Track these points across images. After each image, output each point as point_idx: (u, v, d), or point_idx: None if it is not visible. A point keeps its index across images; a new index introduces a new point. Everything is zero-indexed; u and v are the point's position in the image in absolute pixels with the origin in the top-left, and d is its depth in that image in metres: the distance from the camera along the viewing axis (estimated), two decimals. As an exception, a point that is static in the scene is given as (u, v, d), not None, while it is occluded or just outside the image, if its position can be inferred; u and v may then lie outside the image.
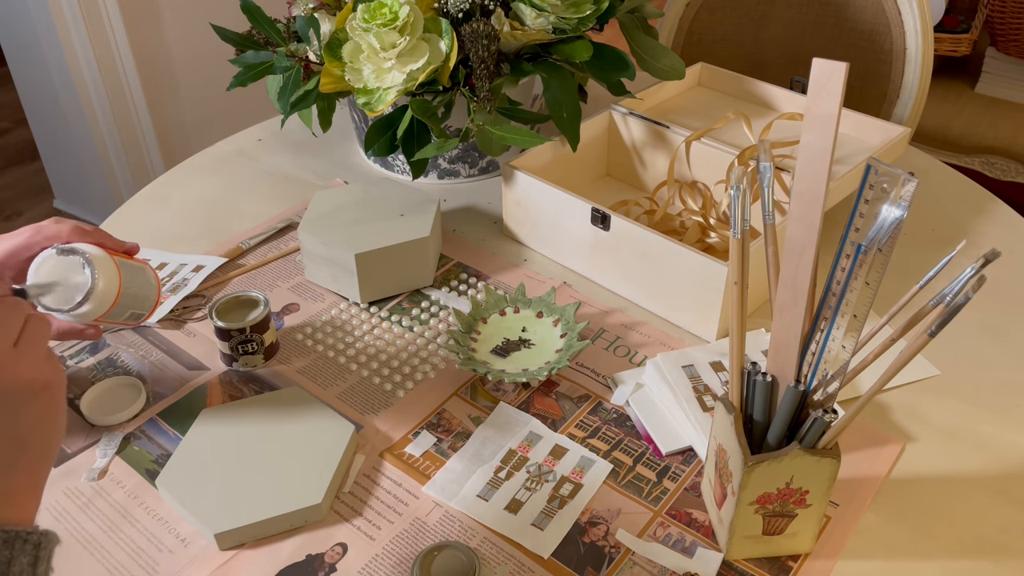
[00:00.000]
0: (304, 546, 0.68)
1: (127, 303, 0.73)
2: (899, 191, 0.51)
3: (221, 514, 0.68)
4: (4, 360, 0.51)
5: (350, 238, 0.91)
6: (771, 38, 1.50)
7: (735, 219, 0.58)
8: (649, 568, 0.66)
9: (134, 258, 0.77)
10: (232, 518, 0.68)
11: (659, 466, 0.75)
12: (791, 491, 0.62)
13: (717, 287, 0.84)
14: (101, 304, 0.70)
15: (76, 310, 0.68)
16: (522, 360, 0.84)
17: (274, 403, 0.79)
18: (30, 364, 0.52)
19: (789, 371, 0.61)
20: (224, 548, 0.68)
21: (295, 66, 1.00)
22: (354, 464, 0.75)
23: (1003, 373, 0.84)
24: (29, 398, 0.51)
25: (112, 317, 0.72)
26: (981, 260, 0.51)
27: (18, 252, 0.69)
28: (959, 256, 0.73)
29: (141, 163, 2.27)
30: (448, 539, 0.68)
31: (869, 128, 1.08)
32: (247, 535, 0.69)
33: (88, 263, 0.69)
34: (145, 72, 2.17)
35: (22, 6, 2.04)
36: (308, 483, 0.71)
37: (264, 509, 0.69)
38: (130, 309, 0.73)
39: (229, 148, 1.25)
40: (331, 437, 0.75)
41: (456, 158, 1.12)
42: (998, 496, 0.72)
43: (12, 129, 2.93)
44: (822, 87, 0.53)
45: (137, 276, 0.74)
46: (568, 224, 0.95)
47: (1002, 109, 2.09)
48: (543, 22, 0.94)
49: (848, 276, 0.55)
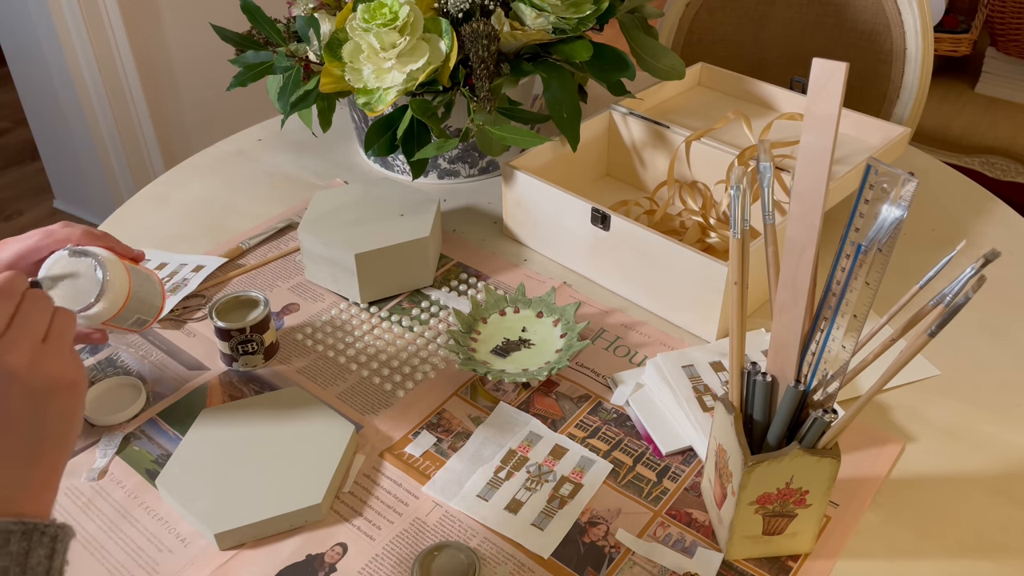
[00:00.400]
0: (304, 546, 0.68)
1: (135, 307, 0.73)
2: (899, 191, 0.51)
3: (221, 514, 0.68)
4: (33, 356, 0.51)
5: (350, 238, 0.91)
6: (771, 38, 1.50)
7: (735, 219, 0.58)
8: (649, 568, 0.66)
9: (141, 265, 0.77)
10: (232, 518, 0.68)
11: (659, 466, 0.75)
12: (791, 491, 0.62)
13: (717, 287, 0.84)
14: (111, 306, 0.70)
15: (87, 311, 0.69)
16: (522, 360, 0.84)
17: (274, 403, 0.79)
18: (56, 361, 0.53)
19: (789, 371, 0.61)
20: (224, 548, 0.68)
21: (295, 66, 1.00)
22: (354, 464, 0.75)
23: (1003, 373, 0.84)
24: (54, 394, 0.52)
25: (119, 321, 0.72)
26: (981, 260, 0.51)
27: (28, 255, 0.69)
28: (959, 256, 0.73)
29: (141, 163, 2.27)
30: (448, 539, 0.68)
31: (869, 128, 1.08)
32: (247, 535, 0.69)
33: (100, 265, 0.69)
34: (145, 72, 2.17)
35: (22, 6, 2.04)
36: (308, 483, 0.71)
37: (264, 509, 0.69)
38: (137, 314, 0.74)
39: (229, 148, 1.25)
40: (331, 437, 0.75)
41: (456, 158, 1.12)
42: (998, 496, 0.72)
43: (12, 129, 2.93)
44: (822, 87, 0.53)
45: (145, 282, 0.75)
46: (568, 224, 0.95)
47: (1002, 109, 2.09)
48: (543, 22, 0.94)
49: (848, 276, 0.55)
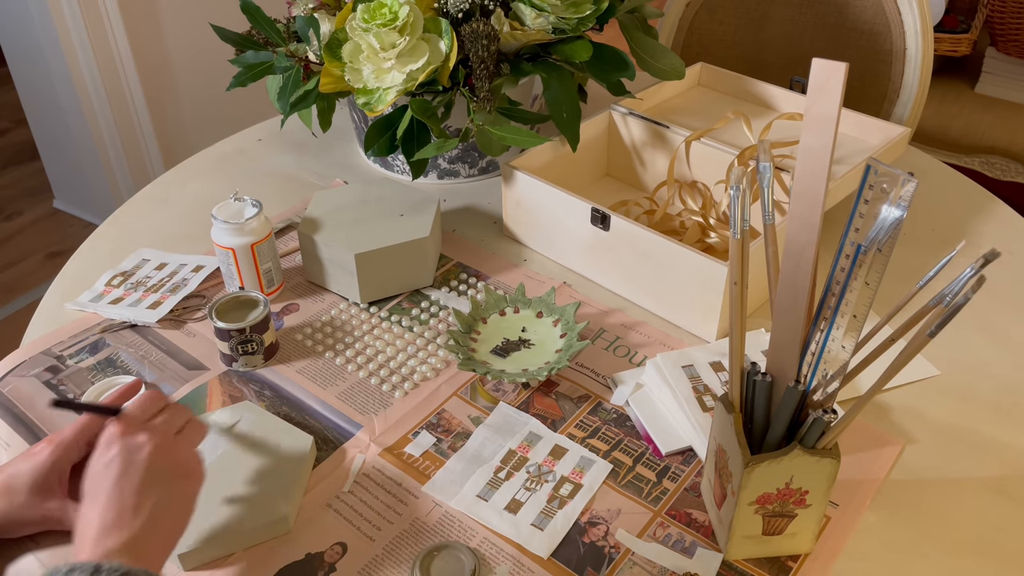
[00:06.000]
0: (304, 546, 0.68)
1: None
2: (899, 191, 0.51)
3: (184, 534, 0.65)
4: (167, 439, 0.62)
5: (350, 238, 0.91)
6: (771, 38, 1.50)
7: (735, 219, 0.58)
8: (649, 568, 0.66)
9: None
10: (194, 537, 0.66)
11: (659, 466, 0.75)
12: (791, 491, 0.62)
13: (717, 287, 0.84)
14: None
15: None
16: (522, 360, 0.84)
17: (228, 419, 0.76)
18: (184, 451, 0.63)
19: (789, 371, 0.61)
20: (189, 568, 0.66)
21: (295, 66, 1.00)
22: (354, 464, 0.75)
23: (1003, 373, 0.84)
24: (176, 478, 0.61)
25: None
26: (981, 260, 0.51)
27: (48, 471, 0.67)
28: (959, 256, 0.73)
29: (141, 163, 2.27)
30: (448, 539, 0.68)
31: (869, 128, 1.08)
32: (211, 553, 0.67)
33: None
34: (145, 72, 2.17)
35: (22, 6, 2.04)
36: (271, 497, 0.69)
37: (227, 525, 0.67)
38: None
39: (229, 148, 1.25)
40: (291, 449, 0.73)
41: (456, 158, 1.12)
42: (997, 496, 0.72)
43: (12, 129, 2.93)
44: (822, 87, 0.53)
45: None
46: (568, 224, 0.95)
47: (1002, 109, 2.09)
48: (543, 22, 0.94)
49: (848, 276, 0.55)
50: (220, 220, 0.88)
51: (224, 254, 0.89)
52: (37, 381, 0.83)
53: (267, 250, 0.91)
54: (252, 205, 0.90)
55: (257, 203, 0.90)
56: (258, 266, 0.91)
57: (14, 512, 0.66)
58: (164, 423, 0.63)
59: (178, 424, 0.64)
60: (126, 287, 0.95)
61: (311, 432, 0.77)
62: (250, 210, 0.89)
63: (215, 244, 0.89)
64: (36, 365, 0.85)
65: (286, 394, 0.82)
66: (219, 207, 0.90)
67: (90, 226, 2.44)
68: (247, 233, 0.89)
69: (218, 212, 0.89)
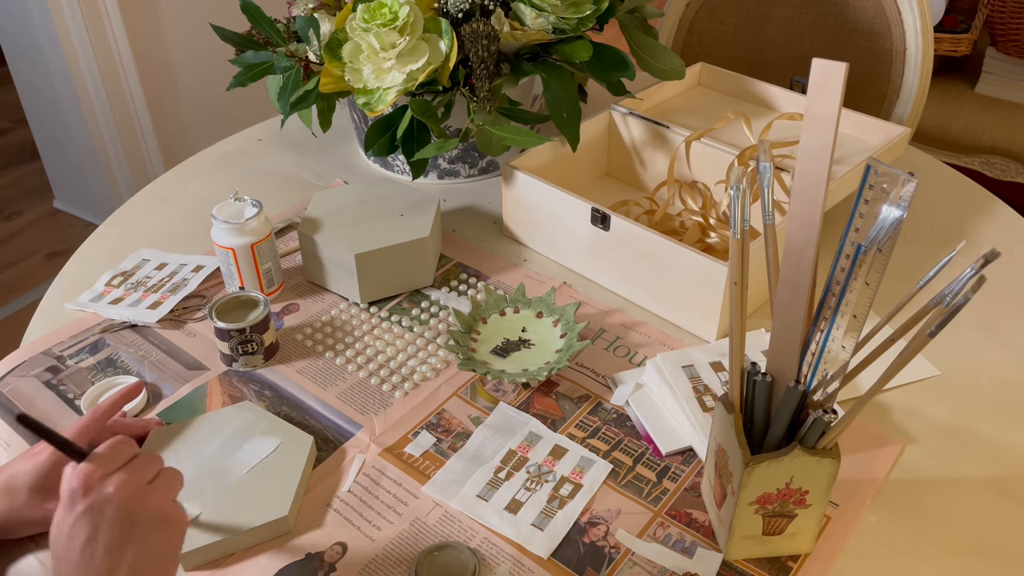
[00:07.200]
0: (304, 546, 0.68)
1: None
2: (899, 191, 0.51)
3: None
4: (137, 490, 0.57)
5: (350, 238, 0.91)
6: (771, 38, 1.50)
7: (735, 219, 0.58)
8: (649, 568, 0.66)
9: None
10: (196, 537, 0.66)
11: (659, 466, 0.75)
12: (791, 491, 0.62)
13: (717, 287, 0.84)
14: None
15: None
16: (522, 360, 0.84)
17: (226, 420, 0.77)
18: (156, 499, 0.58)
19: (789, 371, 0.61)
20: (189, 569, 0.66)
21: (295, 66, 1.00)
22: (354, 464, 0.75)
23: (1003, 373, 0.84)
24: (154, 526, 0.57)
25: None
26: (981, 260, 0.51)
27: (48, 471, 0.67)
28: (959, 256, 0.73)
29: (141, 163, 2.27)
30: (448, 539, 0.68)
31: (869, 128, 1.08)
32: (212, 554, 0.67)
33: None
34: (145, 72, 2.17)
35: (22, 6, 2.04)
36: (272, 497, 0.69)
37: (227, 526, 0.67)
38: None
39: (229, 148, 1.25)
40: (291, 449, 0.73)
41: (456, 158, 1.12)
42: (997, 496, 0.72)
43: (12, 129, 2.93)
44: (822, 87, 0.53)
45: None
46: (568, 224, 0.95)
47: (1002, 109, 2.09)
48: (543, 22, 0.94)
49: (848, 276, 0.55)
50: (220, 220, 0.88)
51: (224, 254, 0.89)
52: (37, 381, 0.83)
53: (267, 250, 0.91)
54: (252, 205, 0.90)
55: (257, 203, 0.90)
56: (258, 266, 0.91)
57: (15, 512, 0.65)
58: (133, 471, 0.58)
59: (149, 474, 0.59)
60: (126, 287, 0.95)
61: (311, 432, 0.77)
62: (250, 210, 0.89)
63: (215, 244, 0.89)
64: (36, 365, 0.85)
65: (286, 394, 0.82)
66: (219, 207, 0.90)
67: (90, 226, 2.44)
68: (247, 233, 0.89)
69: (218, 212, 0.89)
